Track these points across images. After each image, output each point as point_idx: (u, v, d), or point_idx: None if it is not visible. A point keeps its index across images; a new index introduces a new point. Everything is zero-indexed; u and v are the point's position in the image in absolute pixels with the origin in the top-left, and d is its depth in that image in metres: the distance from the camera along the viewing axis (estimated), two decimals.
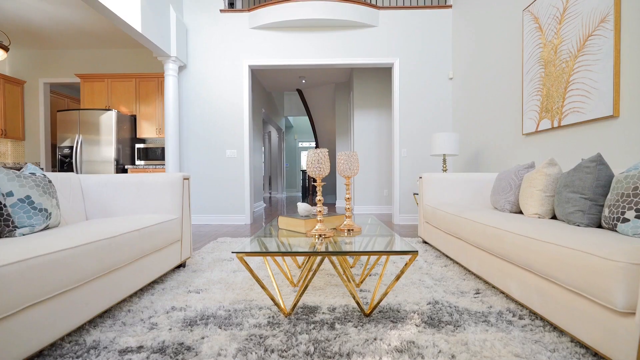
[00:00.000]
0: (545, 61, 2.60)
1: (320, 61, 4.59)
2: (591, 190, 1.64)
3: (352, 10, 4.40)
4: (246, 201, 4.68)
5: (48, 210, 1.63)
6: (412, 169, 4.62)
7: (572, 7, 2.32)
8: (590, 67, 2.16)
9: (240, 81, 4.65)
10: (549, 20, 2.56)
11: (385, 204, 5.99)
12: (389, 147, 5.94)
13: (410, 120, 4.60)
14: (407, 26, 4.57)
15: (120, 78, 5.00)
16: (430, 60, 4.58)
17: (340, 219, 1.94)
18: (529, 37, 2.81)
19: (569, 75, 2.35)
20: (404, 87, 4.59)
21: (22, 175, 1.58)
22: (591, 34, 2.16)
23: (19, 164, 5.37)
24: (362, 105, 5.92)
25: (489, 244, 1.77)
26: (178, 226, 2.19)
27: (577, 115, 2.28)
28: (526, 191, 2.07)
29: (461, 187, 2.98)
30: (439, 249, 2.63)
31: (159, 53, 4.15)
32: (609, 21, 2.02)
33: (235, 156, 4.67)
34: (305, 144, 14.17)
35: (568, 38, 2.36)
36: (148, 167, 4.74)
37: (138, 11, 3.53)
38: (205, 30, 4.65)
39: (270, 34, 4.61)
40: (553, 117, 2.51)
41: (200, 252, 2.79)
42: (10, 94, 5.16)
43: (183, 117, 4.69)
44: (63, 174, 2.14)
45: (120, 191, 2.26)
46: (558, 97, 2.46)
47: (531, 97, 2.79)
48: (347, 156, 1.81)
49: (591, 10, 2.16)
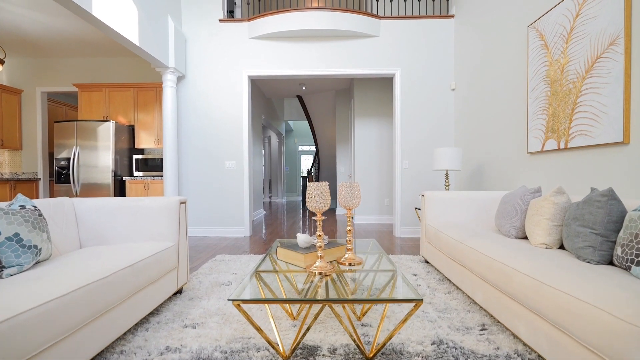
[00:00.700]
0: (552, 80, 2.54)
1: (321, 72, 4.53)
2: (602, 226, 1.58)
3: (353, 20, 4.33)
4: (245, 213, 4.62)
5: (38, 246, 1.57)
6: (414, 181, 4.56)
7: (580, 27, 2.26)
8: (599, 91, 2.09)
9: (239, 91, 4.59)
10: (555, 39, 2.50)
11: (386, 214, 5.93)
12: (390, 155, 5.88)
13: (411, 132, 4.54)
14: (409, 36, 4.50)
15: (119, 88, 4.94)
16: (432, 71, 4.51)
17: (341, 250, 1.88)
18: (534, 53, 2.75)
19: (577, 96, 2.29)
20: (406, 98, 4.53)
21: (10, 212, 1.52)
22: (600, 56, 2.09)
23: (16, 174, 5.32)
24: (363, 113, 5.86)
25: (496, 280, 1.71)
26: (174, 254, 2.12)
27: (585, 138, 2.21)
28: (533, 219, 2.01)
29: (464, 206, 2.92)
30: (442, 271, 2.57)
31: (157, 64, 4.09)
32: (619, 44, 1.96)
33: (235, 167, 4.61)
34: (306, 147, 14.11)
35: (575, 58, 2.30)
36: (146, 178, 4.68)
37: (135, 24, 3.47)
38: (204, 40, 4.59)
39: (270, 43, 4.55)
40: (560, 137, 2.45)
41: (198, 274, 2.73)
42: (7, 103, 5.10)
43: (181, 128, 4.63)
44: (56, 200, 2.08)
45: (115, 216, 2.20)
46: (565, 118, 2.39)
47: (536, 116, 2.72)
48: (349, 187, 1.74)
49: (600, 32, 2.09)
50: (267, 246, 3.99)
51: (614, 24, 1.99)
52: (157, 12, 3.92)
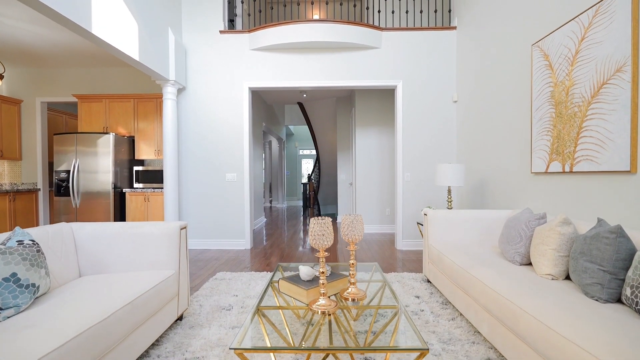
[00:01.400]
0: (556, 101, 2.51)
1: (322, 83, 4.50)
2: (610, 264, 1.55)
3: (354, 32, 4.30)
4: (246, 226, 4.59)
5: (36, 284, 1.54)
6: (416, 193, 4.53)
7: (585, 51, 2.23)
8: (605, 117, 2.06)
9: (240, 103, 4.56)
10: (560, 60, 2.47)
11: (388, 223, 5.90)
12: (391, 165, 5.85)
13: (413, 144, 4.51)
14: (411, 48, 4.47)
15: (119, 99, 4.91)
16: (434, 83, 4.48)
17: (343, 282, 1.85)
18: (538, 73, 2.72)
19: (582, 120, 2.26)
20: (407, 110, 4.50)
21: (7, 251, 1.49)
22: (606, 81, 2.06)
23: (15, 184, 5.30)
24: (364, 123, 5.83)
25: (502, 316, 1.68)
26: (175, 282, 2.10)
27: (590, 164, 2.18)
28: (538, 248, 1.98)
29: (467, 225, 2.89)
30: (445, 294, 2.54)
31: (157, 77, 4.06)
32: (625, 72, 1.93)
33: (235, 180, 4.58)
34: (306, 151, 14.08)
35: (580, 82, 2.27)
36: (146, 190, 4.66)
37: (135, 39, 3.44)
38: (204, 52, 4.56)
39: (271, 55, 4.52)
40: (564, 160, 2.42)
41: (198, 296, 2.71)
42: (7, 113, 5.08)
43: (182, 140, 4.61)
44: (55, 228, 2.05)
45: (114, 243, 2.17)
46: (570, 142, 2.36)
47: (540, 136, 2.69)
48: (351, 220, 1.72)
49: (606, 57, 2.06)
50: (268, 261, 3.96)
51: (621, 51, 1.96)
52: (158, 25, 3.90)
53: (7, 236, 1.68)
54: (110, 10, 3.03)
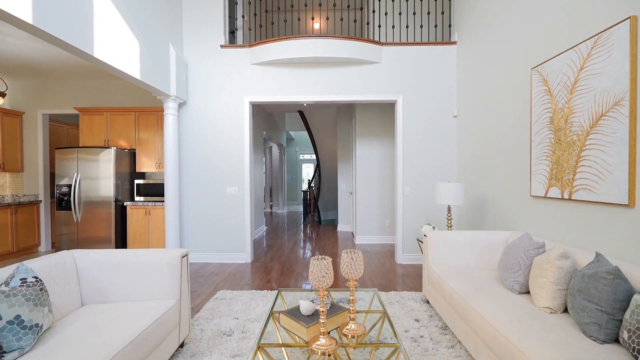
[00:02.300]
0: (556, 128, 2.52)
1: (322, 98, 4.52)
2: (608, 304, 1.56)
3: (355, 48, 4.32)
4: (247, 240, 4.61)
5: (39, 323, 1.56)
6: (416, 208, 4.54)
7: (584, 80, 2.24)
8: (604, 149, 2.08)
9: (240, 118, 4.58)
10: (559, 87, 2.48)
11: (388, 234, 5.92)
12: (391, 177, 5.86)
13: (413, 159, 4.52)
14: (411, 63, 4.49)
15: (120, 112, 4.93)
16: (434, 97, 4.50)
17: (343, 317, 1.86)
18: (538, 97, 2.73)
19: (581, 149, 2.27)
20: (408, 125, 4.51)
21: (11, 293, 1.51)
22: (604, 113, 2.08)
23: (17, 196, 5.32)
24: (365, 134, 5.84)
25: (500, 353, 1.69)
26: (176, 312, 2.11)
27: (589, 193, 2.20)
28: (537, 280, 2.00)
29: (467, 247, 2.91)
30: (444, 319, 2.55)
31: (158, 93, 4.08)
32: (624, 106, 1.94)
33: (236, 194, 4.60)
34: (307, 156, 14.10)
35: (579, 111, 2.28)
36: (147, 203, 4.67)
37: (137, 58, 3.46)
38: (205, 66, 4.58)
39: (272, 69, 4.54)
40: (563, 187, 2.43)
41: (199, 319, 2.72)
42: (9, 126, 5.10)
43: (183, 154, 4.62)
44: (57, 258, 2.07)
45: (116, 271, 2.19)
46: (569, 169, 2.38)
47: (540, 160, 2.71)
48: (351, 257, 1.73)
49: (604, 90, 2.07)
50: (268, 277, 3.98)
51: (619, 85, 1.97)
52: (159, 41, 3.91)
53: (11, 273, 1.70)
54: (112, 31, 3.05)
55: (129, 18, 3.33)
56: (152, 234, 4.67)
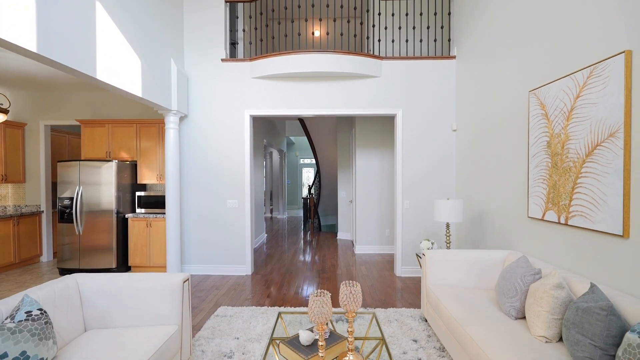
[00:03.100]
0: (552, 152, 2.55)
1: (322, 111, 4.55)
2: (602, 340, 1.60)
3: (355, 62, 4.35)
4: (247, 252, 4.64)
5: (44, 357, 1.60)
6: (415, 221, 4.58)
7: (580, 109, 2.27)
8: (599, 178, 2.11)
9: (241, 130, 4.61)
10: (555, 112, 2.51)
11: (387, 244, 5.95)
12: (391, 188, 5.89)
13: (413, 172, 4.55)
14: (411, 76, 4.52)
15: (121, 124, 4.97)
16: (433, 111, 4.53)
17: (342, 346, 1.90)
18: (535, 120, 2.76)
19: (577, 176, 2.30)
20: (407, 138, 4.54)
21: (17, 329, 1.54)
22: (600, 143, 2.11)
23: (19, 207, 5.35)
24: (365, 144, 5.87)
25: None
26: (178, 338, 2.15)
27: (585, 220, 2.23)
28: (533, 308, 2.03)
29: (465, 267, 2.94)
30: (441, 340, 2.59)
31: (160, 108, 4.12)
32: (618, 138, 1.97)
33: (236, 206, 4.64)
34: (307, 160, 14.14)
35: (575, 138, 2.31)
36: (148, 216, 4.71)
37: (138, 76, 3.49)
38: (206, 80, 4.62)
39: (272, 83, 4.57)
40: (560, 212, 2.46)
41: (200, 339, 2.76)
42: (11, 138, 5.13)
43: (184, 167, 4.66)
44: (61, 285, 2.10)
45: (119, 295, 2.22)
46: (565, 195, 2.41)
47: (537, 183, 2.74)
48: (350, 291, 1.76)
49: (600, 120, 2.11)
50: (268, 291, 4.01)
51: (614, 117, 2.00)
52: (160, 57, 3.95)
53: (16, 305, 1.73)
54: (114, 51, 3.08)
55: (131, 37, 3.36)
56: (153, 246, 4.70)
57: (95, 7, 2.83)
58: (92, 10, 2.79)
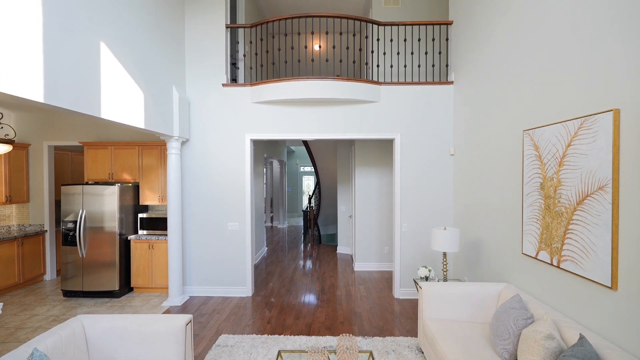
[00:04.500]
0: (545, 194, 2.61)
1: (322, 136, 4.63)
2: None
3: (354, 88, 4.42)
4: (248, 274, 4.72)
5: None
6: (413, 244, 4.64)
7: (571, 157, 2.34)
8: (589, 228, 2.17)
9: (242, 155, 4.69)
10: (548, 156, 2.58)
11: (386, 261, 6.02)
12: (389, 205, 5.96)
13: (411, 195, 4.62)
14: (409, 102, 4.59)
15: (124, 146, 5.04)
16: (431, 135, 4.59)
17: None
18: (529, 160, 2.83)
19: (568, 221, 2.36)
20: (405, 162, 4.61)
21: None
22: (590, 194, 2.17)
23: (23, 226, 5.43)
24: (364, 163, 5.94)
25: None
26: None
27: (575, 266, 2.29)
28: (524, 355, 2.09)
29: (461, 301, 3.00)
30: None
31: (162, 135, 4.19)
32: (607, 192, 2.04)
33: (237, 229, 4.71)
34: (307, 168, 14.21)
35: (567, 185, 2.38)
36: (150, 237, 4.78)
37: (141, 108, 3.56)
38: (207, 104, 4.69)
39: (272, 107, 4.64)
40: (552, 254, 2.53)
41: None
42: (15, 159, 5.21)
43: (185, 190, 4.73)
44: (68, 331, 2.17)
45: (124, 338, 2.30)
46: (557, 238, 2.47)
47: (530, 222, 2.80)
48: (347, 345, 1.83)
49: (590, 171, 2.17)
50: (270, 315, 4.08)
51: (603, 171, 2.06)
52: (162, 85, 4.02)
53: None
54: (118, 89, 3.15)
55: (134, 71, 3.43)
56: (155, 267, 4.78)
57: (100, 48, 2.90)
58: (96, 52, 2.86)
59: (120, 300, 4.57)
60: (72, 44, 2.56)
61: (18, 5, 2.09)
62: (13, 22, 2.06)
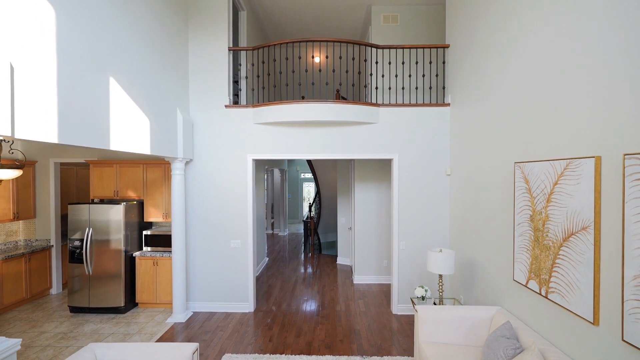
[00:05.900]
0: (535, 227, 2.74)
1: (322, 156, 4.76)
2: None
3: (353, 111, 4.55)
4: (250, 290, 4.85)
5: None
6: (411, 261, 4.77)
7: (558, 195, 2.46)
8: (574, 265, 2.30)
9: (244, 174, 4.82)
10: (537, 191, 2.71)
11: (385, 274, 6.15)
12: (388, 219, 6.08)
13: (409, 214, 4.75)
14: (406, 123, 4.72)
15: (129, 164, 5.17)
16: (428, 156, 4.72)
17: None
18: (519, 192, 2.95)
19: (555, 256, 2.49)
20: (403, 181, 4.74)
21: None
22: (574, 233, 2.30)
23: (29, 241, 5.56)
24: (363, 178, 6.07)
25: None
26: None
27: (562, 299, 2.42)
28: None
29: (455, 324, 3.13)
30: None
31: (166, 157, 4.32)
32: (590, 233, 2.16)
33: (239, 246, 4.84)
34: (308, 175, 14.34)
35: (554, 221, 2.50)
36: (155, 254, 4.91)
37: (147, 135, 3.69)
38: (210, 125, 4.82)
39: (274, 129, 4.77)
40: (541, 284, 2.66)
41: None
42: (22, 176, 5.34)
43: (189, 209, 4.86)
44: None
45: None
46: (545, 270, 2.60)
47: (521, 250, 2.93)
48: None
49: (575, 211, 2.30)
50: (271, 332, 4.21)
51: (586, 213, 2.19)
52: (167, 109, 4.15)
53: None
54: (126, 119, 3.28)
55: (141, 100, 3.56)
56: (160, 283, 4.91)
57: (109, 84, 3.03)
58: (106, 88, 2.99)
59: (125, 317, 4.70)
60: (83, 84, 2.69)
61: (35, 57, 2.22)
62: (31, 76, 2.19)
